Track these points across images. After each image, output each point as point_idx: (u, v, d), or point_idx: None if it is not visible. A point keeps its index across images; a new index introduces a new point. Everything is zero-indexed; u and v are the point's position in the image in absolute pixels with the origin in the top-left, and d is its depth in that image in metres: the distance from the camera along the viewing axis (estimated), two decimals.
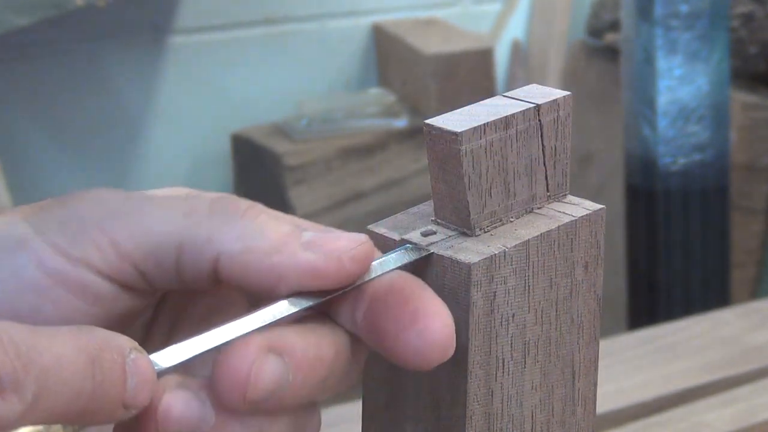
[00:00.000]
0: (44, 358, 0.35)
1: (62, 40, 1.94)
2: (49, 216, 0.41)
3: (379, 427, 0.47)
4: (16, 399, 0.34)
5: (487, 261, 0.43)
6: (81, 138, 1.99)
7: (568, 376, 0.46)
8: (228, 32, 2.06)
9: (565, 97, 0.45)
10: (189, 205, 0.41)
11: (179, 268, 0.41)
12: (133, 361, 0.37)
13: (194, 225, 0.41)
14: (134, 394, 0.37)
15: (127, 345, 0.38)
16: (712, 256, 1.62)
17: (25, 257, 0.40)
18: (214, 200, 0.42)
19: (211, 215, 0.41)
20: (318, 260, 0.40)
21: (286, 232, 0.41)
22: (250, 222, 0.41)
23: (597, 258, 0.46)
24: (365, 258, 0.41)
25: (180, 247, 0.41)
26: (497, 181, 0.44)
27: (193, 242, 0.41)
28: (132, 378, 0.37)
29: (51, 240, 0.40)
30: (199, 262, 0.41)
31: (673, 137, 1.58)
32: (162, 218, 0.41)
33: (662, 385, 0.95)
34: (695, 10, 1.56)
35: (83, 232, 0.41)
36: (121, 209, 0.41)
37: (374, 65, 2.17)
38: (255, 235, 0.41)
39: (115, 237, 0.41)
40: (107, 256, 0.41)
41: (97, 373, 0.36)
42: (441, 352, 0.40)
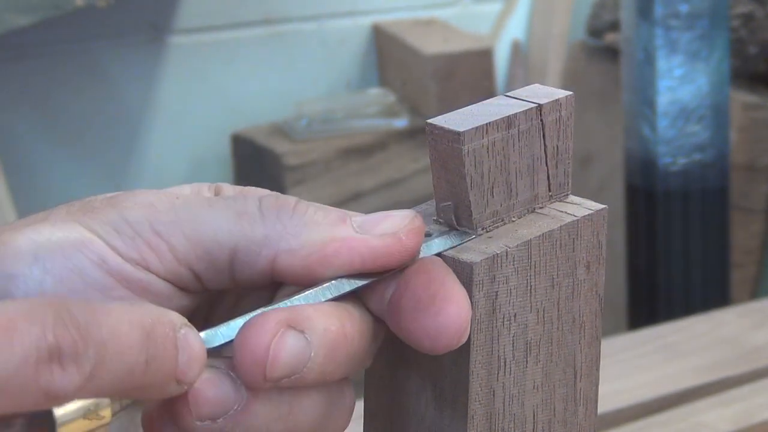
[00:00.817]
0: (102, 332, 0.35)
1: (62, 40, 1.94)
2: (101, 219, 0.42)
3: (381, 427, 0.47)
4: (75, 371, 0.34)
5: (489, 261, 0.43)
6: (81, 138, 1.99)
7: (569, 376, 0.46)
8: (228, 32, 2.06)
9: (567, 96, 0.45)
10: (239, 207, 0.42)
11: (233, 269, 0.42)
12: (183, 336, 0.38)
13: (248, 227, 0.41)
14: (186, 369, 0.38)
15: (178, 320, 0.38)
16: (712, 256, 1.62)
17: (89, 258, 0.41)
18: (263, 200, 0.42)
19: (263, 215, 0.42)
20: (376, 241, 0.41)
21: (337, 219, 0.42)
22: (301, 216, 0.42)
23: (599, 258, 0.46)
24: (419, 230, 0.42)
25: (235, 250, 0.41)
26: (499, 181, 0.44)
27: (249, 244, 0.41)
28: (183, 352, 0.38)
29: (109, 241, 0.41)
30: (256, 263, 0.41)
31: (673, 137, 1.58)
32: (215, 222, 0.42)
33: (662, 385, 0.95)
34: (695, 10, 1.56)
35: (139, 236, 0.41)
36: (171, 213, 0.42)
37: (374, 65, 2.17)
38: (309, 228, 0.41)
39: (171, 241, 0.41)
40: (165, 259, 0.41)
41: (151, 347, 0.37)
42: (453, 338, 0.41)
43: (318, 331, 0.40)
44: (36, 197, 1.84)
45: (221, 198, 0.43)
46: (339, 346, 0.40)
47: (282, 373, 0.39)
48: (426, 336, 0.41)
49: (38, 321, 0.34)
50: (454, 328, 0.41)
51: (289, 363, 0.39)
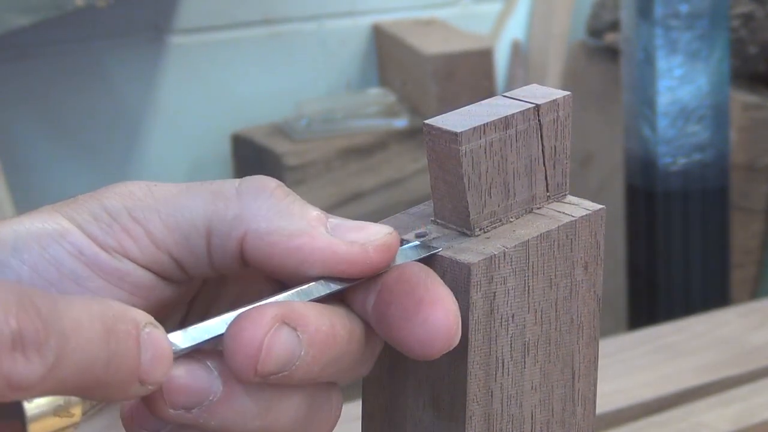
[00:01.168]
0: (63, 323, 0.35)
1: (62, 40, 1.94)
2: (81, 209, 0.42)
3: (379, 428, 0.47)
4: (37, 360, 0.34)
5: (486, 261, 0.43)
6: (81, 138, 1.99)
7: (567, 377, 0.46)
8: (228, 32, 2.06)
9: (565, 97, 0.45)
10: (216, 188, 0.42)
11: (210, 251, 0.41)
12: (147, 334, 0.37)
13: (222, 206, 0.41)
14: (149, 369, 0.37)
15: (142, 319, 0.37)
16: (712, 256, 1.62)
17: (64, 248, 0.41)
18: (243, 181, 0.42)
19: (239, 194, 0.41)
20: (343, 246, 0.41)
21: (313, 216, 0.41)
22: (277, 202, 0.41)
23: (597, 258, 0.46)
24: (390, 249, 0.41)
25: (209, 229, 0.41)
26: (497, 181, 0.44)
27: (221, 224, 0.41)
28: (146, 351, 0.37)
29: (87, 231, 0.41)
30: (227, 243, 0.41)
31: (673, 137, 1.58)
32: (191, 204, 0.41)
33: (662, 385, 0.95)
34: (695, 10, 1.56)
35: (116, 222, 0.41)
36: (148, 198, 0.42)
37: (374, 65, 2.17)
38: (282, 215, 0.41)
39: (148, 226, 0.41)
40: (142, 245, 0.41)
41: (112, 342, 0.36)
42: (444, 342, 0.40)
43: (310, 330, 0.40)
44: (36, 197, 1.84)
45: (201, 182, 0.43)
46: (328, 347, 0.40)
47: (272, 369, 0.39)
48: (417, 344, 0.40)
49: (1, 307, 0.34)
50: (443, 331, 0.40)
51: (281, 359, 0.39)
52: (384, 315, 0.41)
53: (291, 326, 0.39)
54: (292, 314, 0.39)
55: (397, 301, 0.41)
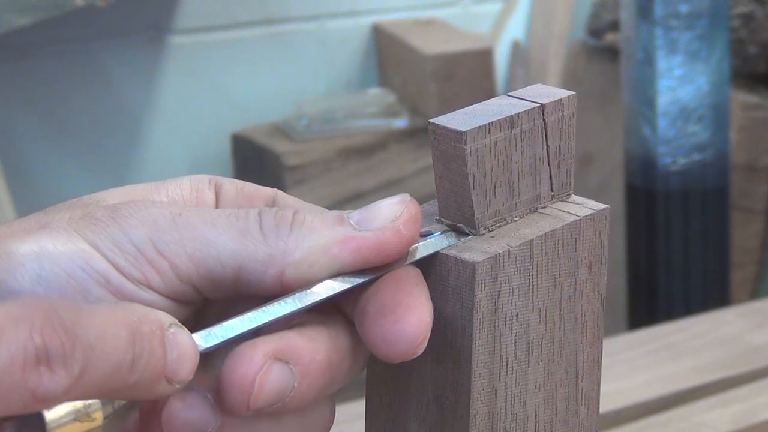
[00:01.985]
0: (89, 333, 0.35)
1: (62, 40, 1.94)
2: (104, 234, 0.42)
3: (382, 426, 0.47)
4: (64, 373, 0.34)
5: (491, 260, 0.43)
6: (81, 138, 1.99)
7: (571, 376, 0.46)
8: (228, 32, 2.06)
9: (569, 96, 0.45)
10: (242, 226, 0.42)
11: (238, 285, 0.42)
12: (173, 335, 0.38)
13: (251, 247, 0.41)
14: (175, 368, 0.38)
15: (166, 320, 0.38)
16: (712, 256, 1.62)
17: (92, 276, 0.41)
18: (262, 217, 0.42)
19: (264, 235, 0.42)
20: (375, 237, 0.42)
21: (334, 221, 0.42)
22: (299, 228, 0.42)
23: (601, 258, 0.46)
24: (415, 218, 0.42)
25: (239, 269, 0.41)
26: (501, 181, 0.44)
27: (254, 264, 0.41)
28: (172, 350, 0.38)
29: (112, 260, 0.41)
30: (263, 280, 0.41)
31: (673, 137, 1.58)
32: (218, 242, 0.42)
33: (662, 385, 0.95)
34: (695, 10, 1.56)
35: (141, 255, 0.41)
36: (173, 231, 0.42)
37: (374, 65, 2.17)
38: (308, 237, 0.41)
39: (174, 260, 0.41)
40: (167, 279, 0.42)
41: (137, 345, 0.37)
42: (409, 347, 0.41)
43: (304, 362, 0.40)
44: (36, 197, 1.84)
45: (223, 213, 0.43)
46: (323, 375, 0.41)
47: (264, 404, 0.40)
48: (383, 341, 0.41)
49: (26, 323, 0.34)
50: (410, 336, 0.41)
51: (273, 394, 0.40)
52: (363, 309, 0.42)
53: (284, 360, 0.40)
54: (285, 348, 0.40)
55: (379, 298, 0.41)
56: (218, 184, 0.47)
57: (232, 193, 0.47)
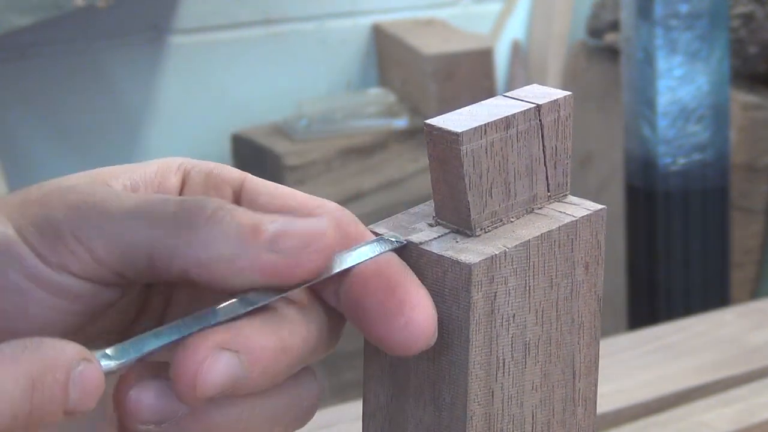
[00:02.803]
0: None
1: (62, 40, 1.94)
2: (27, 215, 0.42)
3: (380, 427, 0.47)
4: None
5: (487, 261, 0.43)
6: (81, 138, 1.99)
7: (568, 377, 0.46)
8: (228, 32, 2.06)
9: (565, 97, 0.45)
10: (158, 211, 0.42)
11: (153, 271, 0.42)
12: (79, 373, 0.38)
13: (161, 235, 0.41)
14: (76, 405, 0.38)
15: (74, 357, 0.38)
16: (712, 256, 1.62)
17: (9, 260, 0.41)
18: (180, 205, 0.42)
19: (177, 224, 0.41)
20: (279, 261, 0.41)
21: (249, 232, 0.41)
22: (212, 228, 0.41)
23: (597, 258, 0.46)
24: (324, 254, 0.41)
25: (150, 256, 0.41)
26: (498, 182, 0.44)
27: (161, 253, 0.41)
28: (75, 391, 0.38)
29: (31, 244, 0.41)
30: (170, 269, 0.41)
31: (673, 137, 1.58)
32: (131, 228, 0.42)
33: (662, 385, 0.95)
34: (695, 10, 1.56)
35: (59, 238, 0.42)
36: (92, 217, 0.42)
37: (374, 65, 2.17)
38: (218, 240, 0.41)
39: (90, 246, 0.42)
40: (84, 263, 0.42)
41: (36, 396, 0.37)
42: (424, 342, 0.41)
43: (254, 350, 0.40)
44: None
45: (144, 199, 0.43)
46: (277, 361, 0.41)
47: (212, 392, 0.40)
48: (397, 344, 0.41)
49: None
50: (425, 333, 0.41)
51: (220, 384, 0.40)
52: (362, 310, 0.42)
53: (232, 350, 0.40)
54: (234, 338, 0.40)
55: (377, 298, 0.41)
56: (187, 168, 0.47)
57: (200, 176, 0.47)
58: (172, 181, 0.47)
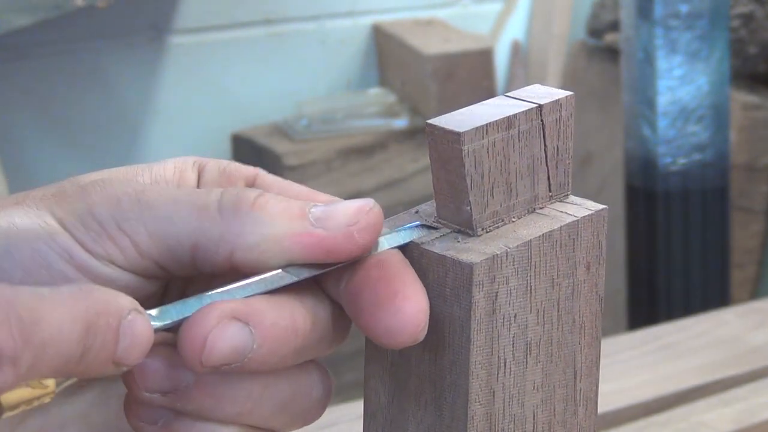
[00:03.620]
0: (44, 332, 0.36)
1: (62, 40, 1.94)
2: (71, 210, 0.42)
3: (381, 427, 0.47)
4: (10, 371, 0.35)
5: (489, 261, 0.43)
6: (81, 138, 1.99)
7: (569, 377, 0.46)
8: (228, 32, 2.06)
9: (567, 97, 0.45)
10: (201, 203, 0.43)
11: (196, 262, 0.42)
12: (129, 322, 0.39)
13: (207, 224, 0.42)
14: (125, 355, 0.39)
15: (126, 306, 0.39)
16: (712, 256, 1.62)
17: (55, 251, 0.42)
18: (224, 194, 0.43)
19: (222, 212, 0.42)
20: (328, 237, 0.42)
21: (295, 213, 0.42)
22: (259, 213, 0.42)
23: (599, 258, 0.46)
24: (374, 228, 0.43)
25: (195, 246, 0.42)
26: (499, 181, 0.44)
27: (207, 241, 0.42)
28: (125, 339, 0.38)
29: (76, 236, 0.42)
30: (215, 259, 0.42)
31: (673, 137, 1.58)
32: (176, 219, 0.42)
33: (662, 385, 0.95)
34: (695, 10, 1.56)
35: (104, 231, 0.42)
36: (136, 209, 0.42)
37: (374, 65, 2.17)
38: (265, 223, 0.42)
39: (135, 238, 0.42)
40: (129, 255, 0.42)
41: (90, 339, 0.37)
42: (411, 335, 0.41)
43: (265, 325, 0.41)
44: None
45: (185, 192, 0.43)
46: (286, 341, 0.41)
47: (218, 362, 0.40)
48: (385, 333, 0.41)
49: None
50: (412, 326, 0.41)
51: (227, 353, 0.40)
52: (357, 298, 0.42)
53: (243, 321, 0.40)
54: (246, 310, 0.41)
55: (373, 287, 0.42)
56: (201, 164, 0.48)
57: (214, 173, 0.48)
58: (190, 176, 0.48)
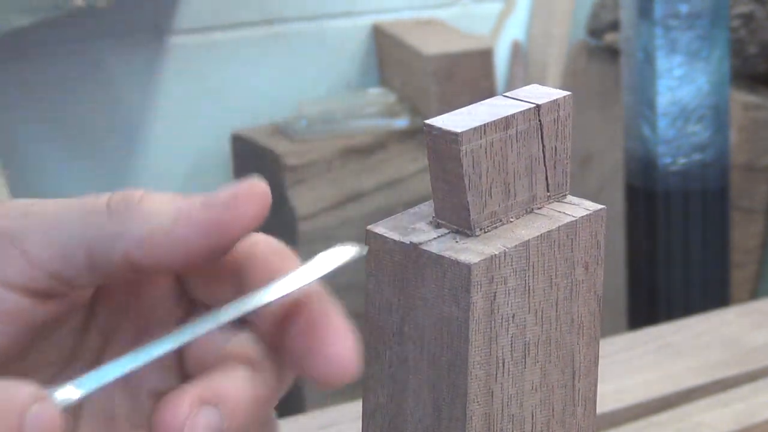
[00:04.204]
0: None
1: (62, 40, 1.94)
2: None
3: (379, 427, 0.47)
4: None
5: (487, 261, 0.43)
6: (81, 138, 1.99)
7: (568, 377, 0.46)
8: (228, 32, 2.06)
9: (565, 97, 0.45)
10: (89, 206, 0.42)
11: (92, 265, 0.42)
12: (34, 416, 0.38)
13: (96, 224, 0.42)
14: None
15: (27, 400, 0.38)
16: (712, 256, 1.62)
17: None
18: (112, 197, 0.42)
19: (110, 212, 0.42)
20: (213, 211, 0.41)
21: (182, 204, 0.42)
22: (147, 206, 0.42)
23: (597, 258, 0.46)
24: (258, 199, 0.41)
25: (89, 249, 0.41)
26: (497, 182, 0.44)
27: (101, 240, 0.41)
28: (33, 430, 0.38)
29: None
30: (111, 258, 0.41)
31: (673, 137, 1.58)
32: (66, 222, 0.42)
33: (662, 385, 0.95)
34: (695, 10, 1.56)
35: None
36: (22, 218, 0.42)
37: (374, 65, 2.17)
38: (153, 215, 0.41)
39: (24, 247, 0.41)
40: (18, 267, 0.41)
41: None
42: (346, 375, 0.41)
43: (231, 404, 0.41)
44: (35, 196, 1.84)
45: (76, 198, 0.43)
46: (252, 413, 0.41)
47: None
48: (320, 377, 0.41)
49: None
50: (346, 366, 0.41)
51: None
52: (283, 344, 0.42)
53: (212, 404, 0.40)
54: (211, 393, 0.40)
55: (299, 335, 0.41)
56: None
57: None
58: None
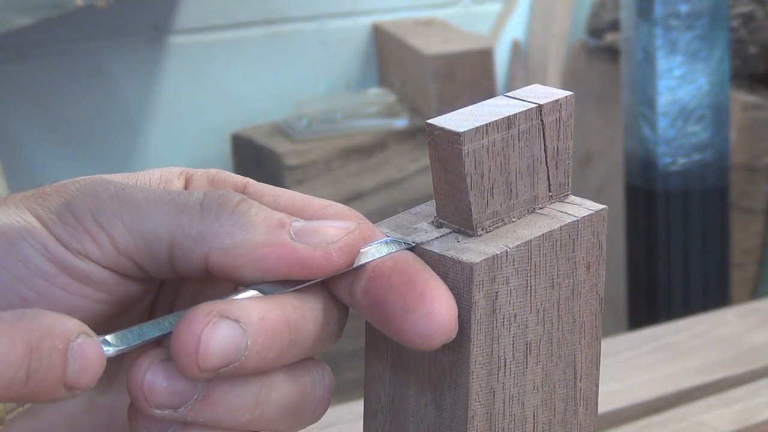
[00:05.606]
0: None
1: (62, 40, 1.94)
2: (48, 206, 0.42)
3: (381, 427, 0.47)
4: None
5: (489, 261, 0.43)
6: (81, 138, 1.99)
7: (569, 376, 0.46)
8: (228, 32, 2.06)
9: (567, 97, 0.45)
10: (181, 201, 0.42)
11: (172, 261, 0.42)
12: (78, 345, 0.38)
13: (186, 222, 0.42)
14: (76, 378, 0.38)
15: (74, 330, 0.38)
16: (712, 256, 1.62)
17: (32, 245, 0.41)
18: (206, 195, 0.42)
19: (202, 211, 0.42)
20: (306, 252, 0.41)
21: (275, 223, 0.42)
22: (239, 217, 0.42)
23: (599, 258, 0.46)
24: (352, 249, 0.42)
25: (172, 243, 0.42)
26: (499, 181, 0.44)
27: (185, 239, 0.42)
28: (74, 362, 0.38)
29: (53, 230, 0.42)
30: (191, 257, 0.42)
31: (673, 137, 1.58)
32: (155, 215, 0.42)
33: (662, 385, 0.95)
34: (695, 10, 1.56)
35: (80, 225, 0.42)
36: (114, 203, 0.42)
37: (374, 65, 2.17)
38: (245, 227, 0.41)
39: (111, 232, 0.42)
40: (105, 250, 0.42)
41: (34, 361, 0.37)
42: (445, 334, 0.41)
43: (253, 319, 0.40)
44: None
45: (167, 191, 0.43)
46: (280, 334, 0.41)
47: (216, 363, 0.39)
48: (419, 335, 0.41)
49: None
50: (445, 325, 0.41)
51: (223, 352, 0.39)
52: (382, 305, 0.42)
53: (231, 318, 0.40)
54: (231, 307, 0.40)
55: (398, 292, 0.41)
56: (189, 174, 0.47)
57: (203, 181, 0.47)
58: (176, 185, 0.47)
